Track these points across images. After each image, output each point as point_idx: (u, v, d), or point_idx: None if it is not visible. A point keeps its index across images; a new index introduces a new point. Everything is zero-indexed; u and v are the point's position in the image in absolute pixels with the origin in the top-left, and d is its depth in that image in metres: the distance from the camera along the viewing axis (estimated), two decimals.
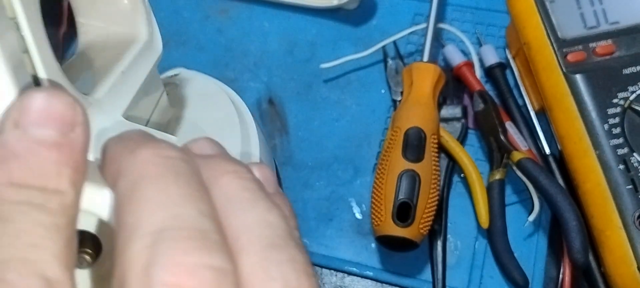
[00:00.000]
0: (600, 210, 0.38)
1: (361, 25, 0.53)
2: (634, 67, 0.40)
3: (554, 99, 0.41)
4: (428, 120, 0.43)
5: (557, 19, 0.41)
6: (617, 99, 0.39)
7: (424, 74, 0.46)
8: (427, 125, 0.43)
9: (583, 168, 0.39)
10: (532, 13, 0.42)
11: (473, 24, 0.51)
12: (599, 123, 0.39)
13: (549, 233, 0.43)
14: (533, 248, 0.42)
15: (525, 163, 0.40)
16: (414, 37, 0.51)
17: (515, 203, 0.44)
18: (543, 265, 0.42)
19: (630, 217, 0.37)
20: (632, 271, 0.36)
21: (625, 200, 0.37)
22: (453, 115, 0.47)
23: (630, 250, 0.36)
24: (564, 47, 0.41)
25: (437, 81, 0.45)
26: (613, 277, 0.38)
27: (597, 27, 0.41)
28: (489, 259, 0.42)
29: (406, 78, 0.47)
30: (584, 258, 0.37)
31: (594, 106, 0.39)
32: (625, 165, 0.38)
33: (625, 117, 0.39)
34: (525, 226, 0.42)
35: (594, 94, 0.39)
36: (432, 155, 0.42)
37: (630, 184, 0.37)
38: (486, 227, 0.42)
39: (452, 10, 0.52)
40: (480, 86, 0.46)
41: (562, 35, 0.41)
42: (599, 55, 0.40)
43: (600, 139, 0.38)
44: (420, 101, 0.44)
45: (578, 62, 0.40)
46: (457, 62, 0.48)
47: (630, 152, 0.38)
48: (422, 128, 0.42)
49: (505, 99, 0.47)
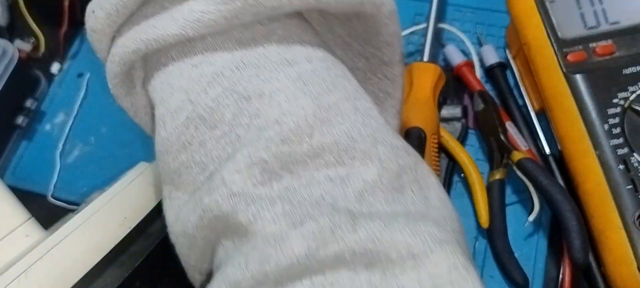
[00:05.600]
0: (600, 210, 0.38)
1: None
2: (634, 67, 0.40)
3: (554, 99, 0.41)
4: (428, 120, 0.43)
5: (557, 19, 0.41)
6: (617, 99, 0.39)
7: (424, 73, 0.46)
8: (427, 125, 0.43)
9: (583, 168, 0.39)
10: (532, 13, 0.42)
11: (473, 24, 0.51)
12: (599, 123, 0.39)
13: (549, 233, 0.43)
14: (533, 248, 0.42)
15: (525, 163, 0.40)
16: (414, 37, 0.51)
17: (515, 203, 0.44)
18: (543, 265, 0.42)
19: (630, 217, 0.37)
20: (632, 271, 0.36)
21: (625, 200, 0.37)
22: (453, 115, 0.47)
23: (630, 250, 0.36)
24: (564, 47, 0.41)
25: (437, 81, 0.45)
26: (613, 277, 0.38)
27: (597, 27, 0.41)
28: (489, 259, 0.42)
29: (406, 78, 0.47)
30: (584, 258, 0.37)
31: (594, 106, 0.39)
32: (625, 165, 0.38)
33: (626, 117, 0.39)
34: (525, 226, 0.42)
35: (594, 94, 0.39)
36: (433, 154, 0.42)
37: (630, 184, 0.37)
38: (486, 227, 0.42)
39: (452, 10, 0.52)
40: (480, 86, 0.46)
41: (562, 35, 0.41)
42: (599, 55, 0.40)
43: (600, 139, 0.38)
44: (420, 101, 0.44)
45: (578, 62, 0.40)
46: (457, 62, 0.48)
47: (630, 152, 0.38)
48: (422, 128, 0.42)
49: (506, 99, 0.47)
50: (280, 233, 0.23)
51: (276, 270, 0.23)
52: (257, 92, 0.26)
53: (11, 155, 0.53)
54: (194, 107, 0.27)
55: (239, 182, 0.25)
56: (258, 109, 0.26)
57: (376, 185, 0.25)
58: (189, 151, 0.27)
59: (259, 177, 0.25)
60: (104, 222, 0.34)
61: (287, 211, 0.24)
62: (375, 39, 0.31)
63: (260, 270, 0.23)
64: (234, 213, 0.24)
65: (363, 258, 0.23)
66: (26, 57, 0.53)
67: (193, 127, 0.27)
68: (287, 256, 0.23)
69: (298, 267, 0.23)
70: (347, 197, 0.25)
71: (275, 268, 0.23)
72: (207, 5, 0.26)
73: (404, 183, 0.26)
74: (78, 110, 0.54)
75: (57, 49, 0.55)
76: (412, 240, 0.23)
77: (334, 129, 0.26)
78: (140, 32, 0.27)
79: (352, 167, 0.25)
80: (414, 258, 0.23)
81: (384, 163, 0.26)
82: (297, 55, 0.28)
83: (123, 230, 0.34)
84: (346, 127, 0.26)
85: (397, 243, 0.23)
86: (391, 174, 0.26)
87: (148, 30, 0.27)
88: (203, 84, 0.27)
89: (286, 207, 0.24)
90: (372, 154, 0.26)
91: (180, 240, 0.28)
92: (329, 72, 0.28)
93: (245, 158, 0.25)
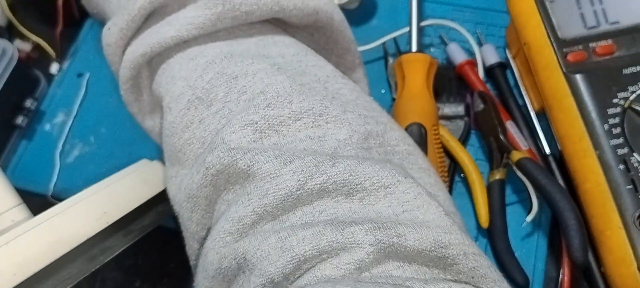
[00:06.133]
0: (600, 210, 0.38)
1: (361, 25, 0.53)
2: (634, 67, 0.40)
3: (554, 99, 0.41)
4: (426, 113, 0.43)
5: (557, 19, 0.41)
6: (617, 98, 0.39)
7: (415, 65, 0.45)
8: (426, 118, 0.42)
9: (583, 168, 0.39)
10: (532, 13, 0.42)
11: (473, 24, 0.51)
12: (599, 123, 0.39)
13: (549, 233, 0.43)
14: (533, 248, 0.42)
15: (524, 162, 0.40)
16: None
17: (515, 203, 0.44)
18: (543, 265, 0.42)
19: (630, 217, 0.37)
20: (632, 271, 0.36)
21: (625, 200, 0.37)
22: (456, 113, 0.47)
23: (630, 250, 0.36)
24: (564, 47, 0.41)
25: (428, 70, 0.45)
26: (613, 277, 0.38)
27: (597, 27, 0.41)
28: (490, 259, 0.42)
29: (397, 72, 0.46)
30: (584, 256, 0.37)
31: (594, 106, 0.39)
32: (625, 165, 0.38)
33: (625, 117, 0.39)
34: (522, 226, 0.42)
35: (594, 93, 0.39)
36: (436, 146, 0.42)
37: (630, 184, 0.37)
38: (486, 226, 0.42)
39: (452, 10, 0.52)
40: (482, 84, 0.46)
41: (562, 35, 0.41)
42: (599, 55, 0.40)
43: (600, 139, 0.38)
44: (415, 95, 0.44)
45: (578, 62, 0.40)
46: (459, 60, 0.48)
47: (630, 152, 0.38)
48: (421, 123, 0.42)
49: (506, 99, 0.47)
50: (274, 171, 0.28)
51: (273, 203, 0.28)
52: (242, 72, 0.32)
53: (11, 154, 0.53)
54: (193, 91, 0.32)
55: (235, 140, 0.30)
56: (244, 86, 0.32)
57: (347, 143, 0.30)
58: (190, 129, 0.32)
59: (251, 135, 0.30)
60: (83, 214, 0.36)
61: (277, 155, 0.29)
62: (335, 47, 0.37)
63: (260, 203, 0.28)
64: (233, 162, 0.29)
65: (343, 188, 0.28)
66: (26, 57, 0.53)
67: (193, 108, 0.32)
68: (282, 188, 0.28)
69: (290, 199, 0.28)
70: (324, 150, 0.30)
71: (272, 201, 0.28)
72: (196, 11, 0.33)
73: (371, 146, 0.31)
74: (78, 110, 0.54)
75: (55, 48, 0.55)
76: (382, 174, 0.28)
77: (308, 98, 0.31)
78: (146, 38, 0.33)
79: (326, 129, 0.30)
80: (385, 188, 0.28)
81: (353, 127, 0.31)
82: (271, 52, 0.34)
83: (99, 224, 0.36)
84: (318, 98, 0.31)
85: (370, 175, 0.28)
86: (360, 136, 0.31)
87: (152, 36, 0.33)
88: (199, 71, 0.33)
89: (277, 152, 0.29)
90: (343, 119, 0.31)
91: (183, 205, 0.32)
92: (300, 64, 0.34)
93: (240, 121, 0.30)
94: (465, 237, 0.28)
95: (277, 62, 0.33)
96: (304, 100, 0.31)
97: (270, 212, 0.28)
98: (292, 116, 0.30)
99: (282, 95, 0.31)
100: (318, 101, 0.31)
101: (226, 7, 0.33)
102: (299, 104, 0.30)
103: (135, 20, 0.33)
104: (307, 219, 0.28)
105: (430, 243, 0.26)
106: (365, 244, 0.25)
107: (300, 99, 0.31)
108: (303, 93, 0.31)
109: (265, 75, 0.32)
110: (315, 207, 0.28)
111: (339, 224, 0.26)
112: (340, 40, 0.36)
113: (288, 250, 0.26)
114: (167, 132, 0.34)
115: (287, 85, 0.31)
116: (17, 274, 0.32)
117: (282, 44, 0.35)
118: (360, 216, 0.28)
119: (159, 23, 0.34)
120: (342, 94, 0.33)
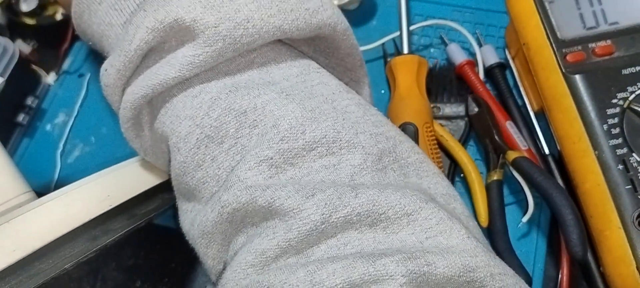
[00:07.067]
0: (599, 210, 0.38)
1: (361, 25, 0.53)
2: (633, 68, 0.40)
3: (553, 99, 0.41)
4: (417, 112, 0.43)
5: (556, 20, 0.42)
6: (616, 99, 0.39)
7: (403, 67, 0.46)
8: (416, 117, 0.43)
9: (582, 168, 0.39)
10: (532, 13, 0.42)
11: (473, 24, 0.51)
12: (598, 123, 0.39)
13: (548, 233, 0.43)
14: (532, 248, 0.42)
15: (519, 161, 0.40)
16: (413, 37, 0.51)
17: (513, 203, 0.44)
18: (542, 265, 0.42)
19: (629, 217, 0.37)
20: (631, 271, 0.36)
21: (625, 200, 0.37)
22: (456, 113, 0.47)
23: (629, 250, 0.36)
24: (564, 48, 0.41)
25: (418, 70, 0.46)
26: (612, 276, 0.38)
27: (596, 28, 0.41)
28: None
29: (389, 76, 0.47)
30: (583, 251, 0.37)
31: (593, 106, 0.39)
32: (624, 165, 0.38)
33: (625, 117, 0.39)
34: (518, 226, 0.42)
35: (593, 94, 0.39)
36: (430, 143, 0.42)
37: (630, 184, 0.37)
38: (485, 225, 0.42)
39: (452, 10, 0.52)
40: (481, 84, 0.46)
41: (561, 36, 0.41)
42: (599, 55, 0.40)
43: (599, 139, 0.38)
44: (406, 95, 0.45)
45: (577, 63, 0.40)
46: (459, 60, 0.48)
47: (629, 152, 0.38)
48: (412, 122, 0.43)
49: (505, 99, 0.47)
50: (297, 205, 0.28)
51: (298, 237, 0.28)
52: (251, 106, 0.31)
53: (12, 154, 0.53)
54: (201, 130, 0.32)
55: (251, 177, 0.30)
56: (255, 120, 0.31)
57: (362, 167, 0.30)
58: (203, 168, 0.32)
59: (267, 172, 0.30)
60: (87, 196, 0.36)
61: (298, 189, 0.29)
62: (336, 52, 0.37)
63: (285, 238, 0.28)
64: (252, 200, 0.29)
65: (366, 219, 0.28)
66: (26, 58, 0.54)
67: (204, 146, 0.32)
68: (307, 223, 0.28)
69: (315, 233, 0.28)
70: (341, 179, 0.30)
71: (297, 235, 0.28)
72: (196, 50, 0.32)
73: (385, 165, 0.31)
74: (79, 111, 0.54)
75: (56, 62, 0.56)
76: (404, 201, 0.28)
77: (320, 125, 0.31)
78: (146, 79, 0.32)
79: (340, 155, 0.30)
80: (407, 215, 0.28)
81: (366, 149, 0.31)
82: (275, 77, 0.33)
83: (102, 206, 0.36)
84: (330, 122, 0.31)
85: (393, 204, 0.28)
86: (374, 158, 0.31)
87: (152, 78, 0.32)
88: (205, 109, 0.32)
89: (297, 187, 0.29)
90: (356, 143, 0.31)
91: (197, 241, 0.32)
92: (306, 84, 0.34)
93: (254, 158, 0.30)
94: (490, 257, 0.28)
95: (284, 87, 0.32)
96: (316, 128, 0.30)
97: (294, 246, 0.28)
98: (306, 147, 0.30)
99: (294, 126, 0.30)
100: (330, 126, 0.31)
101: (227, 42, 0.31)
102: (311, 133, 0.30)
103: (133, 60, 0.32)
104: (333, 252, 0.28)
105: (458, 268, 0.26)
106: (397, 276, 0.26)
107: (312, 127, 0.30)
108: (314, 120, 0.31)
109: (275, 107, 0.31)
110: (340, 240, 0.28)
111: (369, 256, 0.26)
112: (342, 46, 0.36)
113: (318, 284, 0.26)
114: (177, 171, 0.33)
115: (299, 114, 0.31)
116: (17, 251, 0.32)
117: (284, 64, 0.34)
118: (385, 246, 0.28)
119: (159, 63, 0.33)
120: (350, 112, 0.33)
